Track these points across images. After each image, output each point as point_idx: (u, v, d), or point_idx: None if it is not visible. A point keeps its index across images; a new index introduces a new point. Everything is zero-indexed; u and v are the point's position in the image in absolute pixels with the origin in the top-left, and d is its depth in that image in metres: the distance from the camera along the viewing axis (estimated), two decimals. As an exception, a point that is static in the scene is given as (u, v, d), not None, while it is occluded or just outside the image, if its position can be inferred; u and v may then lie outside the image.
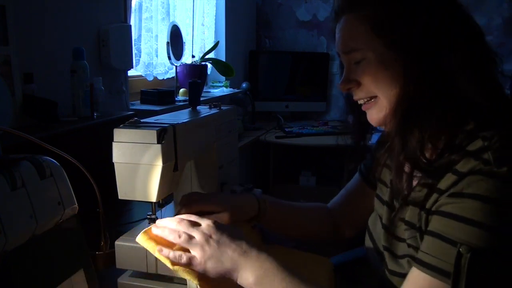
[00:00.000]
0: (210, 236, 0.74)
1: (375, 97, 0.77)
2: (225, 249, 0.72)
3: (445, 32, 0.70)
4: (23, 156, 0.62)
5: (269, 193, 2.81)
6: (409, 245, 0.74)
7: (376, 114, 0.78)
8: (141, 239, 0.76)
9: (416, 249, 0.70)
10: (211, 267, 0.71)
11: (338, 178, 2.85)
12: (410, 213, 0.75)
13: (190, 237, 0.74)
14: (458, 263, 0.60)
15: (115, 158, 0.80)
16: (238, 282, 0.72)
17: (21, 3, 1.25)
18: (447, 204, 0.65)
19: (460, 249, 0.61)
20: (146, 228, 0.80)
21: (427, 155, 0.71)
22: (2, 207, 0.54)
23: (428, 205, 0.69)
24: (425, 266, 0.65)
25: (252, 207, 0.94)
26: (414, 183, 0.73)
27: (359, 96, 0.79)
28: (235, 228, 0.79)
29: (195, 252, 0.72)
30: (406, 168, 0.73)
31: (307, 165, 2.96)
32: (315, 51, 3.20)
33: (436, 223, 0.66)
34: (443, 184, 0.67)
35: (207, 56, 2.25)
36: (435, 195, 0.68)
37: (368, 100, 0.78)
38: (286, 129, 2.70)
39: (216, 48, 2.41)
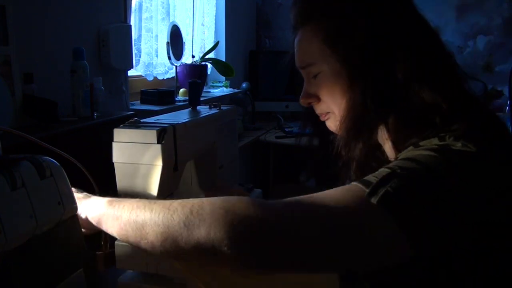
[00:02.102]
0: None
1: (331, 112, 0.78)
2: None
3: (395, 40, 0.69)
4: (23, 156, 0.62)
5: (269, 193, 2.80)
6: None
7: (333, 125, 0.79)
8: None
9: None
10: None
11: (338, 178, 2.85)
12: None
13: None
14: (386, 178, 0.58)
15: (115, 158, 0.80)
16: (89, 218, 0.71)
17: (21, 3, 1.25)
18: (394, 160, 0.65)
19: (396, 170, 0.58)
20: None
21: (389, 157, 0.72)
22: (2, 207, 0.54)
23: None
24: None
25: None
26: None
27: (320, 111, 0.80)
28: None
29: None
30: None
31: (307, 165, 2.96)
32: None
33: None
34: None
35: (207, 56, 2.25)
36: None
37: (326, 113, 0.80)
38: (286, 129, 2.70)
39: (216, 48, 2.41)
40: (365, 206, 0.57)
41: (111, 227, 0.67)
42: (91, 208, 0.71)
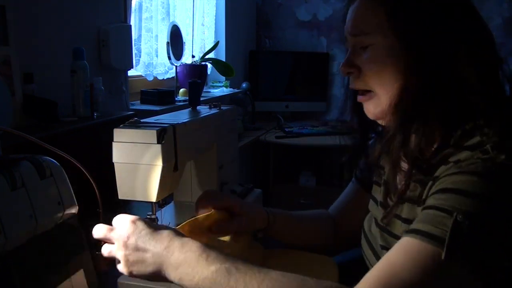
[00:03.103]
0: (128, 238, 0.66)
1: (371, 91, 0.75)
2: (144, 250, 0.65)
3: (459, 33, 0.68)
4: (23, 156, 0.62)
5: (269, 193, 2.80)
6: None
7: (373, 108, 0.76)
8: None
9: None
10: (137, 272, 0.65)
11: (338, 178, 2.85)
12: (406, 210, 0.74)
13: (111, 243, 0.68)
14: (455, 230, 0.56)
15: (115, 158, 0.80)
16: (170, 279, 0.65)
17: (21, 3, 1.25)
18: (440, 183, 0.63)
19: (458, 218, 0.57)
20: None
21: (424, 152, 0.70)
22: (2, 207, 0.54)
23: (424, 197, 0.67)
24: (417, 232, 0.59)
25: (262, 221, 0.92)
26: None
27: (357, 86, 0.77)
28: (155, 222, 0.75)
29: (119, 259, 0.66)
30: (403, 165, 0.72)
31: (307, 165, 2.96)
32: (315, 51, 3.20)
33: (430, 201, 0.63)
34: (437, 173, 0.66)
35: (207, 56, 2.25)
36: (430, 184, 0.67)
37: (364, 92, 0.76)
38: (286, 129, 2.70)
39: (216, 48, 2.40)
40: (447, 269, 0.56)
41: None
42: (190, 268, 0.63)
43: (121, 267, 0.67)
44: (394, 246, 0.61)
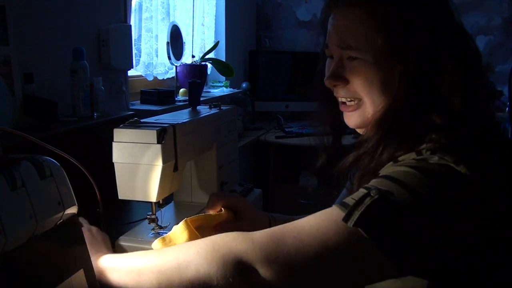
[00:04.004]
0: None
1: (359, 99, 0.73)
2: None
3: (447, 49, 0.68)
4: (23, 156, 0.62)
5: (269, 193, 2.79)
6: None
7: (357, 117, 0.75)
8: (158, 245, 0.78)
9: None
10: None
11: (338, 178, 2.84)
12: None
13: None
14: (361, 200, 0.58)
15: (115, 158, 0.80)
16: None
17: (21, 3, 1.25)
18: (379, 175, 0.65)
19: (371, 193, 0.59)
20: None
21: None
22: (2, 207, 0.54)
23: None
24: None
25: (264, 227, 0.93)
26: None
27: (343, 94, 0.75)
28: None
29: None
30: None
31: (307, 165, 2.96)
32: (315, 51, 3.18)
33: None
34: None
35: (207, 56, 2.25)
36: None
37: (350, 101, 0.75)
38: (286, 129, 2.70)
39: (216, 48, 2.40)
40: (342, 231, 0.59)
41: (111, 280, 0.69)
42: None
43: None
44: None
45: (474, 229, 0.60)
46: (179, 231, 0.77)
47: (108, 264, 0.71)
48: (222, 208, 0.87)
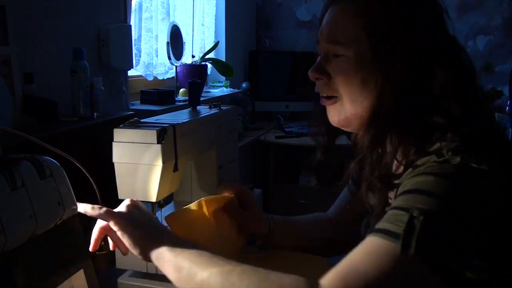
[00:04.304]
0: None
1: (337, 97, 0.74)
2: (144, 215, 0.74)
3: (434, 49, 0.69)
4: (23, 156, 0.62)
5: (269, 193, 2.79)
6: None
7: (336, 115, 0.75)
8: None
9: None
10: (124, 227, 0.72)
11: (338, 178, 2.84)
12: None
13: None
14: (410, 225, 0.57)
15: (115, 158, 0.80)
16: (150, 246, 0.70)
17: (21, 3, 1.25)
18: (401, 187, 0.64)
19: (413, 214, 0.58)
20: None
21: (395, 169, 0.71)
22: (2, 207, 0.54)
23: None
24: (376, 231, 0.60)
25: (263, 226, 0.94)
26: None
27: (323, 90, 0.76)
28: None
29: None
30: (378, 184, 0.72)
31: (307, 165, 2.95)
32: (315, 51, 3.19)
33: (392, 204, 0.64)
34: (400, 180, 0.67)
35: (207, 56, 2.25)
36: (395, 191, 0.68)
37: (329, 97, 0.76)
38: (286, 129, 2.70)
39: (216, 48, 2.40)
40: (403, 265, 0.56)
41: (170, 275, 0.67)
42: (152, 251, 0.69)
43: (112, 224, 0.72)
44: (357, 246, 0.61)
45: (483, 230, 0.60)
46: (193, 207, 0.82)
47: (172, 258, 0.67)
48: (233, 194, 0.92)
